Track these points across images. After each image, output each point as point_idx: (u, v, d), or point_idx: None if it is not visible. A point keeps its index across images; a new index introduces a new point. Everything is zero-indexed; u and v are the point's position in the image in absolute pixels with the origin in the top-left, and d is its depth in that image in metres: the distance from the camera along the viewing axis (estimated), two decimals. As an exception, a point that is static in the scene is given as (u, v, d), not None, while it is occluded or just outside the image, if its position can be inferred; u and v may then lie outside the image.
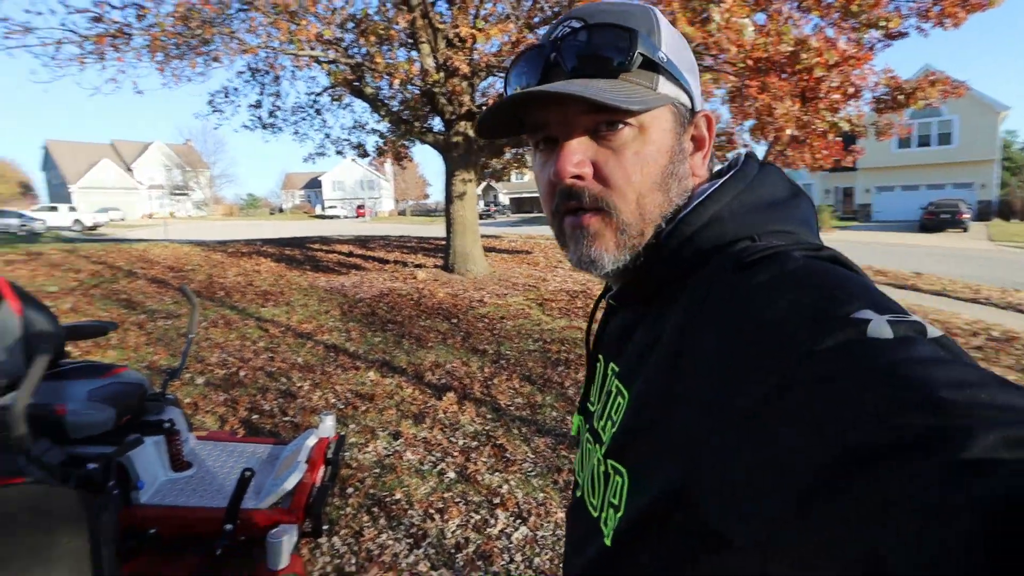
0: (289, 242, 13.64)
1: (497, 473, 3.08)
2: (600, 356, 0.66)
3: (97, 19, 6.31)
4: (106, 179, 44.43)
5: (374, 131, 11.24)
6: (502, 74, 9.16)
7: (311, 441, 2.31)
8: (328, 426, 2.42)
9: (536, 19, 7.81)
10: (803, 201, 0.56)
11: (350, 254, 11.75)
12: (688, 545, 0.45)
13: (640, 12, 0.56)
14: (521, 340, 5.72)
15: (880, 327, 0.35)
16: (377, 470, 3.09)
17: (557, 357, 5.16)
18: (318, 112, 10.95)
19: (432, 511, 2.70)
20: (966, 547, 0.23)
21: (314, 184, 63.28)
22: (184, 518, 2.04)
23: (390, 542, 2.47)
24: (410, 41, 8.66)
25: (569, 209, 0.56)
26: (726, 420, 0.39)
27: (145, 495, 2.11)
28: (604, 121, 0.53)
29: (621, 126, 0.53)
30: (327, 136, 11.34)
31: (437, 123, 10.70)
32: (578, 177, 0.54)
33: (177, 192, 49.56)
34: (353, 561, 2.36)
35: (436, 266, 10.19)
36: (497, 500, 2.81)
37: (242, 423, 3.67)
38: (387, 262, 10.52)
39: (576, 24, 0.54)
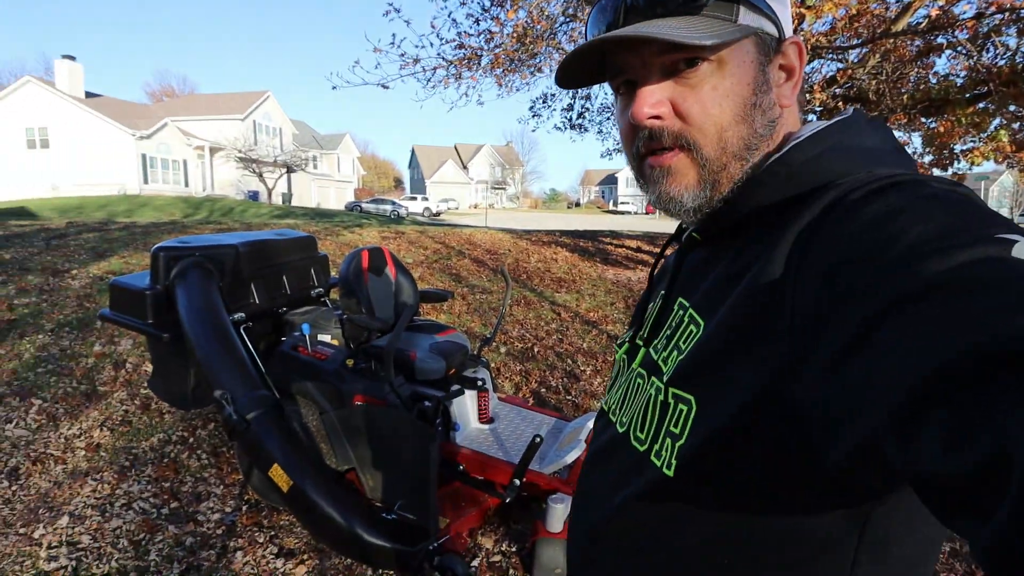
0: (583, 234, 14.60)
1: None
2: (663, 292, 0.64)
3: (460, 46, 7.81)
4: (448, 175, 54.76)
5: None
6: (832, 55, 7.96)
7: (591, 423, 2.46)
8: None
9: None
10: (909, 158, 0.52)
11: (638, 249, 11.95)
12: (765, 469, 0.45)
13: None
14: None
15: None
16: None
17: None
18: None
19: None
20: None
21: (609, 180, 66.11)
22: (484, 463, 2.41)
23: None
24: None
25: (650, 150, 0.55)
26: (855, 325, 0.35)
27: (458, 437, 2.56)
28: (682, 59, 0.52)
29: (700, 63, 0.52)
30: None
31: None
32: (656, 117, 0.53)
33: (497, 187, 57.97)
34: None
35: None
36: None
37: (532, 393, 4.12)
38: (674, 260, 10.33)
39: None
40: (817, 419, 0.38)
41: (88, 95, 26.07)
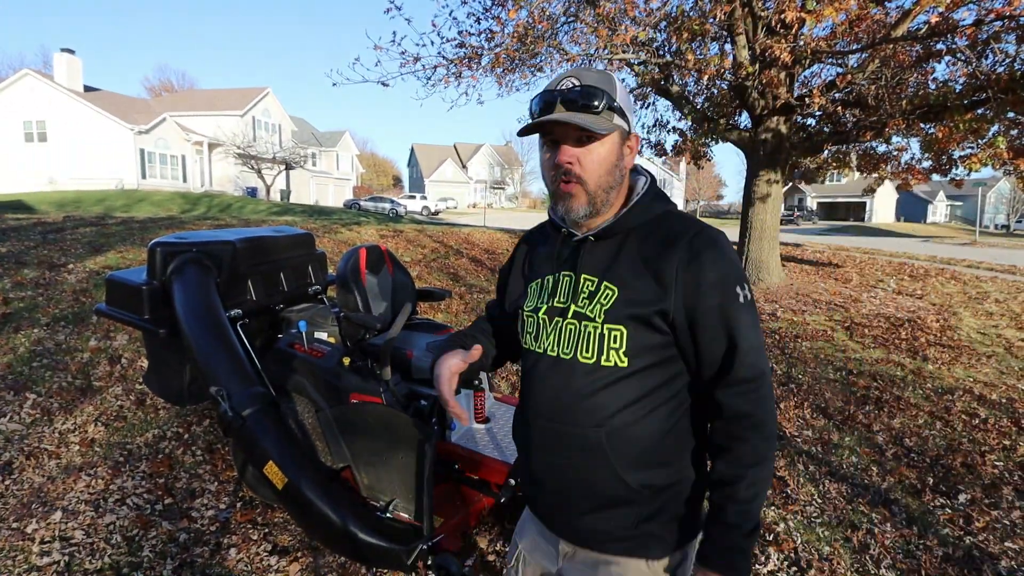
0: (581, 235, 14.54)
1: (774, 507, 2.77)
2: (566, 272, 1.06)
3: (461, 45, 7.80)
4: (447, 174, 54.72)
5: (674, 130, 11.11)
6: (831, 59, 7.98)
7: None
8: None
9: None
10: None
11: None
12: (661, 346, 0.98)
13: (607, 77, 1.00)
14: (819, 366, 4.98)
15: (744, 290, 0.97)
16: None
17: (865, 393, 4.33)
18: (622, 113, 11.36)
19: (694, 525, 2.59)
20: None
21: (608, 182, 66.05)
22: (480, 463, 2.40)
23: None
24: (724, 33, 8.24)
25: (562, 181, 1.00)
26: (692, 297, 0.95)
27: (454, 436, 2.56)
28: (585, 136, 0.98)
29: (594, 140, 0.98)
30: (628, 135, 11.68)
31: (744, 120, 9.98)
32: (569, 163, 0.99)
33: (495, 186, 57.94)
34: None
35: (724, 271, 9.60)
36: (770, 537, 2.53)
37: (528, 393, 4.12)
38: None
39: (576, 82, 0.98)
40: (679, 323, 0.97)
41: (87, 89, 25.98)
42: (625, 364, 0.96)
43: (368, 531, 1.94)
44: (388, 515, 2.16)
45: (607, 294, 0.98)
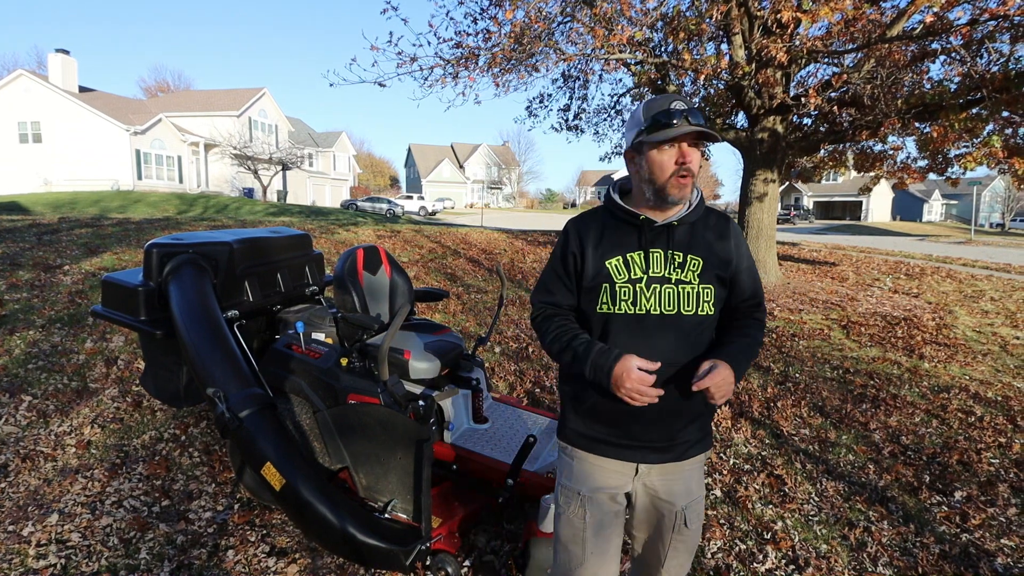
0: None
1: (771, 506, 2.78)
2: (662, 249, 1.37)
3: (457, 45, 7.79)
4: (445, 174, 54.68)
5: (671, 129, 11.13)
6: (827, 59, 8.00)
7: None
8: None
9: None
10: None
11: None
12: (724, 296, 1.43)
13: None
14: (815, 364, 4.99)
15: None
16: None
17: (862, 392, 4.35)
18: (618, 113, 11.36)
19: (693, 524, 2.59)
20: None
21: (605, 181, 66.18)
22: (478, 463, 2.41)
23: (646, 541, 2.47)
24: (720, 33, 8.26)
25: (681, 174, 1.32)
26: (736, 258, 1.42)
27: (452, 436, 2.56)
28: (699, 142, 1.34)
29: (702, 147, 1.39)
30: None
31: (740, 119, 10.00)
32: (691, 162, 1.33)
33: (493, 186, 57.94)
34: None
35: (721, 271, 9.63)
36: (768, 535, 2.54)
37: (526, 393, 4.13)
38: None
39: (683, 104, 1.31)
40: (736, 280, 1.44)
41: (82, 89, 25.86)
42: (712, 312, 1.37)
43: (366, 532, 1.94)
44: (386, 516, 2.16)
45: (696, 263, 1.35)
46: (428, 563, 2.09)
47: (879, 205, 46.76)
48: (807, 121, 9.27)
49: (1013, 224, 47.60)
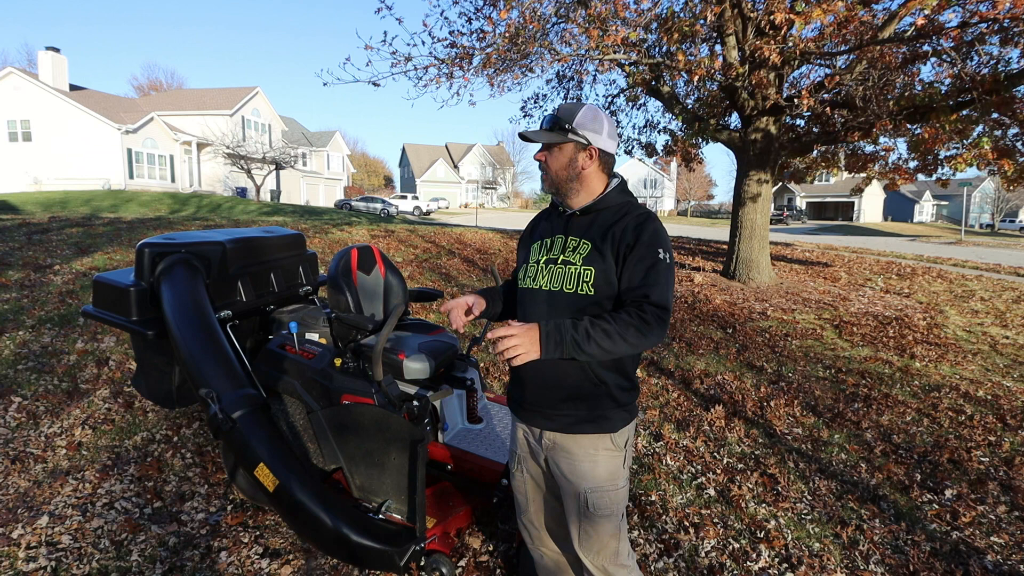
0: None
1: (765, 505, 2.79)
2: (560, 235, 1.54)
3: (452, 45, 7.77)
4: (439, 174, 54.60)
5: (665, 130, 11.16)
6: (820, 60, 8.05)
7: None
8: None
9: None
10: None
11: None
12: (613, 279, 1.45)
13: (580, 108, 1.51)
14: (808, 364, 5.03)
15: (663, 254, 1.43)
16: (635, 467, 3.12)
17: (854, 391, 4.38)
18: (612, 113, 11.38)
19: (687, 524, 2.60)
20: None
21: (599, 182, 66.15)
22: (472, 463, 2.40)
23: (641, 541, 2.48)
24: (714, 35, 8.28)
25: (541, 171, 1.57)
26: (629, 248, 1.43)
27: (446, 436, 2.55)
28: (547, 145, 1.54)
29: (553, 148, 1.53)
30: (619, 135, 11.72)
31: (734, 120, 10.04)
32: (539, 160, 1.57)
33: (487, 186, 57.89)
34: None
35: (715, 271, 9.66)
36: (761, 534, 2.55)
37: (520, 393, 4.12)
38: (663, 262, 10.38)
39: (552, 113, 1.53)
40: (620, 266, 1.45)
41: (72, 88, 25.65)
42: (592, 293, 1.44)
43: (360, 533, 1.93)
44: (380, 516, 2.16)
45: (585, 247, 1.47)
46: (422, 564, 2.09)
47: (871, 206, 47.09)
48: (800, 122, 9.32)
49: (1002, 225, 48.08)
